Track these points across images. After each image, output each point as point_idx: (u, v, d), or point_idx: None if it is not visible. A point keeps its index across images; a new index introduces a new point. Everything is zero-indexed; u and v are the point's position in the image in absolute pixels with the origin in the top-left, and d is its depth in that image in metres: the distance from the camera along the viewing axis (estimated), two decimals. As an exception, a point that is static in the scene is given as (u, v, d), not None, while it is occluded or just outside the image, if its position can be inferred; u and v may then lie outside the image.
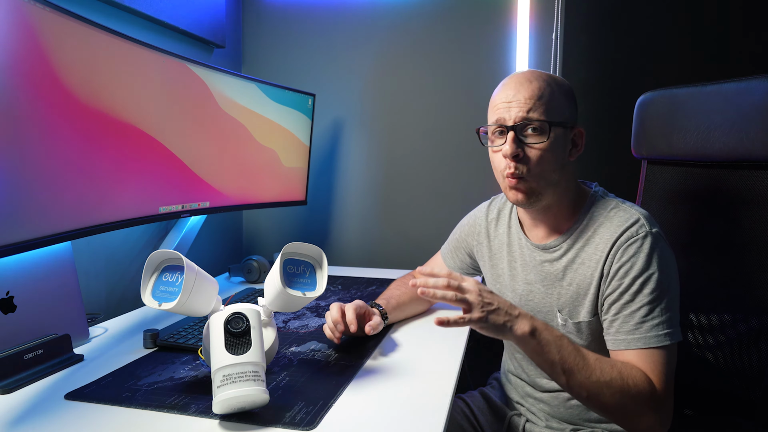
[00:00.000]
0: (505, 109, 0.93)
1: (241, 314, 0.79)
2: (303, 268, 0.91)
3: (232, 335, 0.77)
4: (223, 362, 0.75)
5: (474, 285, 0.85)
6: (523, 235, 1.06)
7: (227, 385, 0.74)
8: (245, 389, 0.73)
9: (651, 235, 0.90)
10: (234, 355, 0.75)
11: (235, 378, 0.74)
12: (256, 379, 0.75)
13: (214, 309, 0.86)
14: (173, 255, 0.84)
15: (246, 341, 0.77)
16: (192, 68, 1.30)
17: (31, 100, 0.89)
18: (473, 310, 0.82)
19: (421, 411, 0.80)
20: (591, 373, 0.84)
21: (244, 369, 0.75)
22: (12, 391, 0.85)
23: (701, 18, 1.68)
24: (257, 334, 0.79)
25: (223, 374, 0.74)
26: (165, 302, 0.82)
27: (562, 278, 0.99)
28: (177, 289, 0.82)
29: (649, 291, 0.88)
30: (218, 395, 0.73)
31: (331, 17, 1.91)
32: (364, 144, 1.93)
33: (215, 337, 0.77)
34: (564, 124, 0.95)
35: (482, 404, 1.18)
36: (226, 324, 0.77)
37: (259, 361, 0.77)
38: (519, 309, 0.86)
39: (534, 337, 0.83)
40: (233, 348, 0.76)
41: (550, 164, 0.93)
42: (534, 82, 0.93)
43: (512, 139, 0.91)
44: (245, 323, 0.78)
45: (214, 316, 0.80)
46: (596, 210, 0.98)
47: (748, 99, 1.03)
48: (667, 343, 0.86)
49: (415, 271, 0.87)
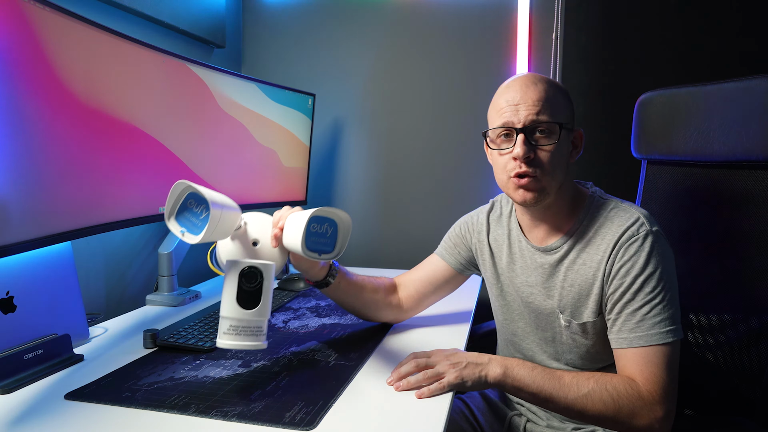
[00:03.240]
0: (513, 111, 0.92)
1: (257, 270, 0.83)
2: (327, 227, 0.91)
3: (244, 290, 0.83)
4: (232, 314, 0.82)
5: (439, 353, 0.92)
6: (523, 236, 1.06)
7: (232, 335, 0.82)
8: (247, 343, 0.83)
9: (652, 233, 0.91)
10: (243, 309, 0.82)
11: (240, 330, 0.82)
12: (258, 333, 0.84)
13: (237, 227, 0.89)
14: (197, 189, 0.83)
15: (255, 297, 0.83)
16: (192, 68, 1.30)
17: (31, 100, 0.89)
18: (447, 375, 0.87)
19: (421, 411, 0.80)
20: (569, 392, 0.87)
21: (249, 324, 0.83)
22: (12, 391, 0.85)
23: (701, 18, 1.67)
24: (267, 290, 0.84)
25: (229, 324, 0.82)
26: (189, 233, 0.84)
27: (563, 279, 0.99)
28: (201, 224, 0.83)
29: (650, 289, 0.89)
30: (223, 339, 0.82)
31: (331, 17, 1.91)
32: (364, 144, 1.93)
33: (229, 284, 0.83)
34: (567, 126, 0.95)
35: (482, 405, 1.17)
36: (241, 277, 0.83)
37: (264, 318, 0.84)
38: (487, 355, 0.92)
39: (508, 376, 0.88)
40: (243, 302, 0.83)
41: (559, 165, 0.94)
42: (539, 84, 0.93)
43: (523, 141, 0.91)
44: (258, 281, 0.83)
45: (234, 262, 0.84)
46: (596, 210, 0.98)
47: (748, 99, 1.03)
48: (670, 340, 0.87)
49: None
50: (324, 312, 1.31)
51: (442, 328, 1.20)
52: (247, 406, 0.80)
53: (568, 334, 1.00)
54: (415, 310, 1.21)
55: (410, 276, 1.21)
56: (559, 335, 1.02)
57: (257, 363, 0.97)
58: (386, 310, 1.17)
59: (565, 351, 1.02)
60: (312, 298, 1.43)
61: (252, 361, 0.98)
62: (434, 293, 1.20)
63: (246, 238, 0.89)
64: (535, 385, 0.87)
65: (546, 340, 1.05)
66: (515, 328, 1.10)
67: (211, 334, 1.08)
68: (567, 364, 1.03)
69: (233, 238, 0.89)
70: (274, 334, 1.13)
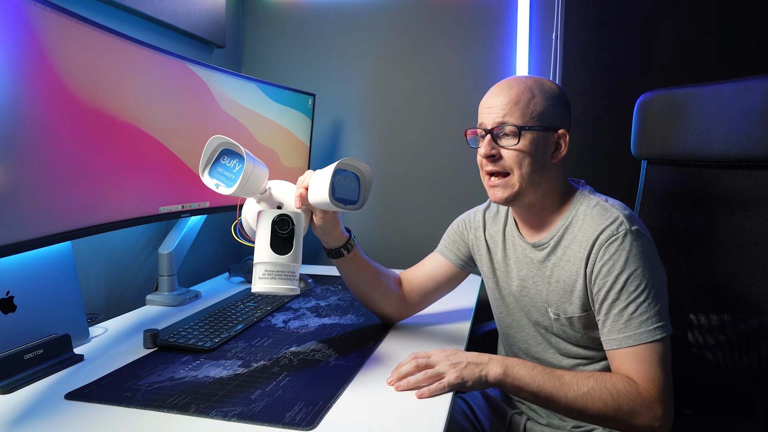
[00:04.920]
0: (486, 113, 1.00)
1: (288, 217, 0.89)
2: (350, 180, 0.96)
3: (277, 236, 0.88)
4: (267, 258, 0.88)
5: (439, 353, 0.92)
6: (517, 232, 1.09)
7: (267, 279, 0.87)
8: (282, 286, 0.87)
9: (630, 233, 0.92)
10: (277, 254, 0.88)
11: (275, 275, 0.87)
12: (292, 278, 0.88)
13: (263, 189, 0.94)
14: (233, 143, 0.90)
15: (288, 243, 0.88)
16: (192, 68, 1.30)
17: (31, 100, 0.89)
18: (447, 375, 0.87)
19: (421, 410, 0.80)
20: (569, 391, 0.87)
21: (283, 268, 0.87)
22: (12, 391, 0.85)
23: (701, 18, 1.67)
24: (299, 236, 0.90)
25: (264, 269, 0.87)
26: (223, 186, 0.89)
27: (550, 275, 1.02)
28: (235, 176, 0.89)
29: (634, 288, 0.90)
30: (259, 284, 0.87)
31: (331, 17, 1.91)
32: (364, 144, 1.93)
33: (262, 233, 0.88)
34: (544, 128, 0.98)
35: (483, 404, 1.18)
36: (273, 224, 0.88)
37: (297, 263, 0.89)
38: (487, 355, 0.92)
39: (509, 375, 0.89)
40: (277, 247, 0.88)
41: (527, 165, 0.97)
42: (514, 87, 0.98)
43: (488, 141, 0.98)
44: (290, 227, 0.88)
45: (265, 211, 0.90)
46: (580, 208, 1.01)
47: (748, 99, 1.03)
48: (659, 337, 0.88)
49: None
50: (324, 312, 1.31)
51: (442, 327, 1.21)
52: (247, 406, 0.80)
53: (558, 326, 1.02)
54: (417, 307, 1.22)
55: (412, 272, 1.22)
56: (550, 327, 1.04)
57: (257, 363, 0.97)
58: (391, 300, 1.18)
59: (557, 341, 1.04)
60: (312, 298, 1.43)
61: (252, 361, 0.98)
62: (436, 290, 1.21)
63: (271, 200, 0.96)
64: (536, 385, 0.88)
65: (539, 332, 1.07)
66: (510, 321, 1.13)
67: (212, 334, 1.09)
68: (562, 354, 1.04)
69: (258, 201, 0.96)
70: (274, 334, 1.13)
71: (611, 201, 1.00)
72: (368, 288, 1.15)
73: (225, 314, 1.22)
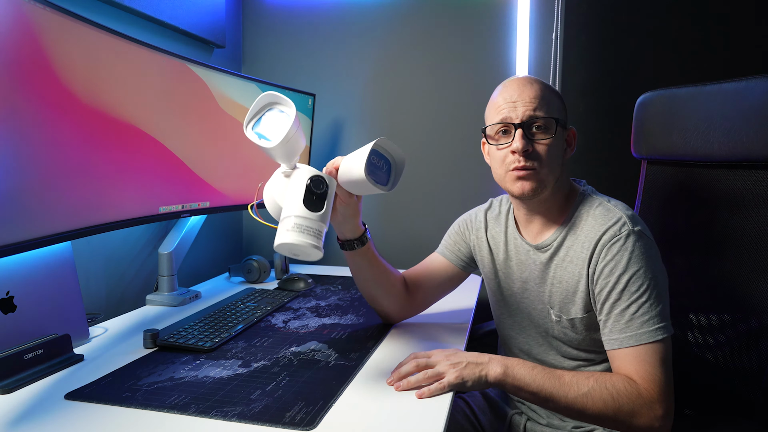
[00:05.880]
0: (511, 108, 0.97)
1: (324, 178, 0.89)
2: (383, 164, 0.96)
3: (312, 194, 0.87)
4: (298, 212, 0.85)
5: (439, 353, 0.92)
6: (518, 234, 1.08)
7: (296, 231, 0.83)
8: (309, 241, 0.83)
9: (633, 233, 0.92)
10: (309, 210, 0.85)
11: (304, 229, 0.84)
12: (318, 237, 0.85)
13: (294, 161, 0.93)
14: (284, 100, 0.89)
15: (320, 203, 0.87)
16: (192, 68, 1.30)
17: (31, 100, 0.89)
18: (447, 375, 0.87)
19: (421, 411, 0.80)
20: (569, 391, 0.87)
21: (312, 225, 0.85)
22: (12, 391, 0.85)
23: (701, 18, 1.67)
24: (330, 200, 0.89)
25: (294, 222, 0.84)
26: (264, 140, 0.88)
27: (553, 276, 1.01)
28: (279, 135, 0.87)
29: (636, 288, 0.90)
30: (285, 235, 0.83)
31: (331, 17, 1.91)
32: (364, 144, 1.92)
33: (296, 188, 0.87)
34: (563, 125, 1.00)
35: (483, 404, 1.18)
36: (308, 182, 0.87)
37: (325, 225, 0.87)
38: (487, 355, 0.91)
39: (509, 375, 0.88)
40: (310, 204, 0.86)
41: (556, 158, 0.98)
42: (535, 84, 0.99)
43: (521, 136, 0.96)
44: (325, 187, 0.88)
45: (301, 169, 0.89)
46: (583, 208, 1.01)
47: (748, 99, 1.03)
48: (660, 338, 0.88)
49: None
50: (324, 312, 1.31)
51: (442, 327, 1.21)
52: (247, 406, 0.80)
53: (559, 328, 1.02)
54: (418, 308, 1.22)
55: (413, 272, 1.22)
56: (551, 329, 1.04)
57: (257, 363, 0.97)
58: (395, 299, 1.17)
59: (558, 344, 1.04)
60: (312, 298, 1.43)
61: (252, 361, 0.98)
62: (437, 290, 1.21)
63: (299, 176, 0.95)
64: (536, 385, 0.88)
65: (540, 334, 1.07)
66: (512, 322, 1.12)
67: (212, 334, 1.09)
68: (563, 356, 1.04)
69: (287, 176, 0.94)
70: (274, 334, 1.13)
71: (613, 201, 1.00)
72: (375, 284, 1.15)
73: (225, 314, 1.22)
